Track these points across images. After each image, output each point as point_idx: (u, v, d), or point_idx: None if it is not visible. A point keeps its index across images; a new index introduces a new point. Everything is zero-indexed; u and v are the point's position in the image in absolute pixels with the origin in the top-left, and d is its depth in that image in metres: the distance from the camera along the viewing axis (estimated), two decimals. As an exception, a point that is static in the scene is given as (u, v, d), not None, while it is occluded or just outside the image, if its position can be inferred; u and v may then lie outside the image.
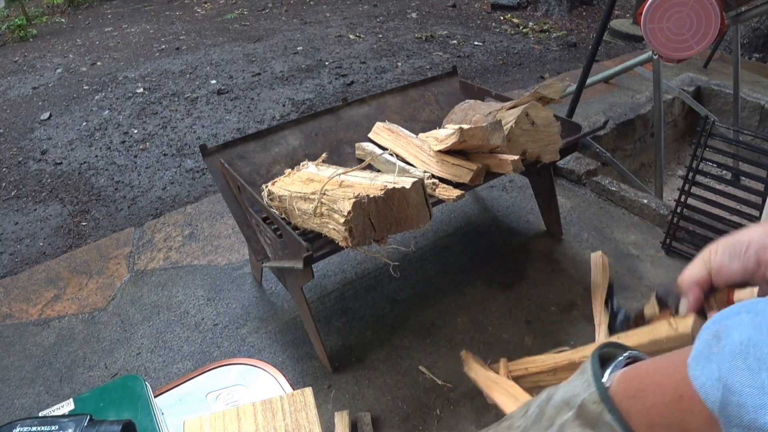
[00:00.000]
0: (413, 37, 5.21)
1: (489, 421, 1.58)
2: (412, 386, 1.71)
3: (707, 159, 2.12)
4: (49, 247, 2.55)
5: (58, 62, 5.10)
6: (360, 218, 1.30)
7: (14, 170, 3.27)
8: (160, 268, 2.27)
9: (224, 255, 2.32)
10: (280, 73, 4.44)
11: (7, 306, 2.14)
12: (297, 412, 0.75)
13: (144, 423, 0.72)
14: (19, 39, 6.00)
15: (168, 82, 4.41)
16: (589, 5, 5.98)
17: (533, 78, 4.20)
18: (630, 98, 3.56)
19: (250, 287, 2.14)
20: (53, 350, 1.93)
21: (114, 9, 7.23)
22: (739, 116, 3.29)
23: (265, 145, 1.92)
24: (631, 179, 2.85)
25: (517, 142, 1.69)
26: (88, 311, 2.09)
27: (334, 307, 2.02)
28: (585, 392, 0.41)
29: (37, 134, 3.69)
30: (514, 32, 5.31)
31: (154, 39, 5.64)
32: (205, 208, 2.64)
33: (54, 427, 0.62)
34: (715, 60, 4.19)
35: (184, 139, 3.49)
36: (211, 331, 1.96)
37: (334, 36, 5.33)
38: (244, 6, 6.82)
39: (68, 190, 3.01)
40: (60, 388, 1.79)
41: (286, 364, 1.81)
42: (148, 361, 1.86)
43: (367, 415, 1.61)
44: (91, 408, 0.73)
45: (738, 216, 2.08)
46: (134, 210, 2.80)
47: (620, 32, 5.04)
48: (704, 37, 2.16)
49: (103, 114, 3.91)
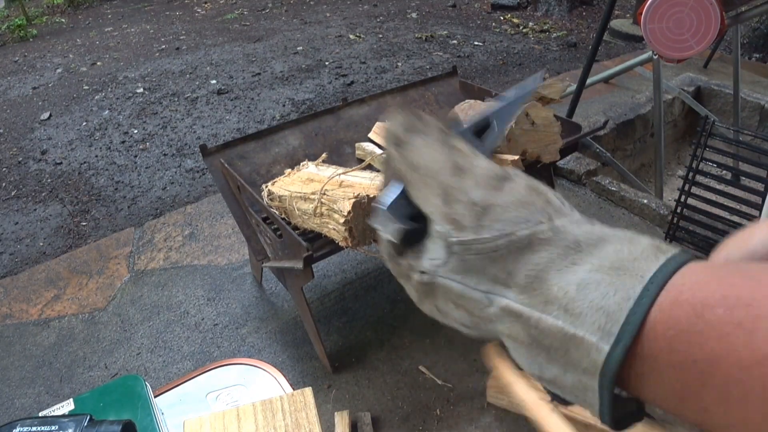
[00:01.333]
0: (413, 37, 5.21)
1: (489, 421, 1.58)
2: (412, 386, 1.71)
3: (707, 159, 2.12)
4: (49, 247, 2.55)
5: (58, 62, 5.10)
6: (360, 218, 1.30)
7: (14, 170, 3.27)
8: (160, 268, 2.27)
9: (224, 255, 2.32)
10: (280, 73, 4.44)
11: (7, 306, 2.14)
12: (297, 412, 0.75)
13: (144, 423, 0.72)
14: (19, 39, 6.00)
15: (168, 82, 4.41)
16: (589, 5, 5.98)
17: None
18: (630, 98, 3.56)
19: (250, 287, 2.14)
20: (53, 350, 1.93)
21: (114, 9, 7.23)
22: (739, 116, 3.29)
23: (265, 145, 1.92)
24: (631, 179, 2.85)
25: (517, 142, 1.70)
26: (88, 311, 2.09)
27: (334, 307, 2.02)
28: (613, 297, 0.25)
29: (37, 134, 3.68)
30: (514, 32, 5.31)
31: (154, 39, 5.64)
32: (205, 208, 2.64)
33: (54, 427, 0.62)
34: (715, 60, 4.19)
35: (184, 139, 3.49)
36: (211, 331, 1.96)
37: (334, 36, 5.33)
38: (244, 6, 6.82)
39: (68, 190, 3.01)
40: (60, 388, 1.79)
41: (286, 364, 1.81)
42: (148, 361, 1.86)
43: (367, 415, 1.61)
44: (91, 408, 0.74)
45: (738, 216, 2.08)
46: (134, 210, 2.80)
47: (620, 32, 5.04)
48: (704, 37, 2.16)
49: (103, 114, 3.91)
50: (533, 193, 0.30)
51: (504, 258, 0.28)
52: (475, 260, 0.29)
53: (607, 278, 0.25)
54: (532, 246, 0.28)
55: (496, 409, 1.61)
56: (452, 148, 0.32)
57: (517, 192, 0.30)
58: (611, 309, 0.25)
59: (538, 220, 0.28)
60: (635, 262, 0.26)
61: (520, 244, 0.28)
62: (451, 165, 0.31)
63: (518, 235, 0.28)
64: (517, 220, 0.28)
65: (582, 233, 0.28)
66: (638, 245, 0.27)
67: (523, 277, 0.27)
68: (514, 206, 0.29)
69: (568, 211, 0.30)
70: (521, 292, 0.28)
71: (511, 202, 0.29)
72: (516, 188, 0.30)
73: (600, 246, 0.27)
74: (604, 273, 0.26)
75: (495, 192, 0.30)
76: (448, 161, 0.31)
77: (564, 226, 0.28)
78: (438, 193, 0.30)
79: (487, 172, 0.31)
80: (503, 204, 0.29)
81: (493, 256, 0.28)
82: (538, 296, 0.27)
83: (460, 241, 0.29)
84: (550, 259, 0.27)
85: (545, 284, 0.27)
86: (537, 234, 0.28)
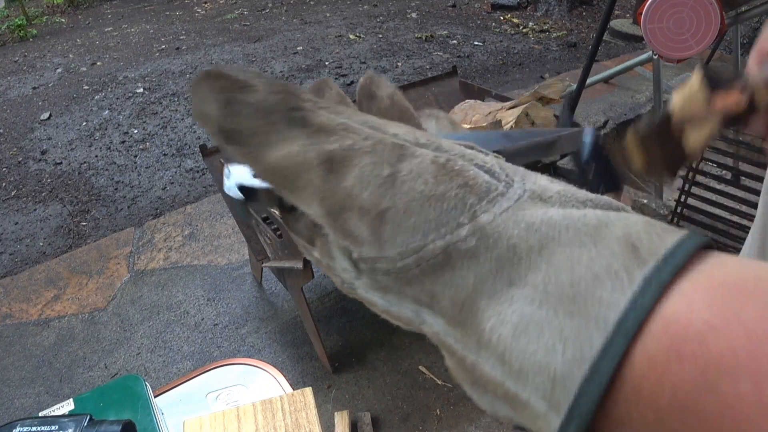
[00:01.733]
0: (413, 37, 5.21)
1: (489, 421, 1.58)
2: (412, 386, 1.71)
3: (707, 159, 2.12)
4: (49, 247, 2.55)
5: (58, 62, 5.10)
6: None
7: (14, 170, 3.27)
8: (160, 268, 2.27)
9: (224, 255, 2.32)
10: (281, 73, 4.44)
11: (7, 306, 2.14)
12: (297, 412, 0.75)
13: (144, 423, 0.72)
14: (19, 39, 6.01)
15: (168, 82, 4.41)
16: (589, 5, 5.98)
17: (533, 78, 4.20)
18: (630, 98, 3.56)
19: (250, 287, 2.14)
20: (53, 350, 1.93)
21: (114, 9, 7.23)
22: (739, 116, 3.29)
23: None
24: (631, 179, 2.85)
25: (517, 142, 1.69)
26: (88, 311, 2.09)
27: (334, 307, 2.02)
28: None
29: (37, 134, 3.69)
30: (514, 32, 5.31)
31: (154, 39, 5.64)
32: (205, 208, 2.64)
33: (54, 427, 0.62)
34: (715, 60, 4.19)
35: (184, 139, 3.49)
36: (211, 331, 1.96)
37: (334, 36, 5.33)
38: (244, 6, 6.82)
39: (68, 190, 3.01)
40: (60, 388, 1.79)
41: (286, 364, 1.81)
42: (148, 361, 1.86)
43: (367, 415, 1.61)
44: (91, 408, 0.74)
45: (738, 216, 2.08)
46: (134, 210, 2.80)
47: (620, 32, 5.04)
48: (704, 37, 2.16)
49: (103, 114, 3.91)
50: (443, 174, 0.20)
51: (419, 279, 0.20)
52: (387, 281, 0.21)
53: (552, 318, 0.17)
54: (451, 261, 0.19)
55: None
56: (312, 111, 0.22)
57: (419, 179, 0.20)
58: (559, 374, 0.16)
59: (455, 223, 0.19)
60: (596, 287, 0.17)
61: (435, 261, 0.19)
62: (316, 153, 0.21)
63: (429, 249, 0.19)
64: (424, 228, 0.20)
65: (521, 231, 0.19)
66: (605, 246, 0.17)
67: (448, 303, 0.20)
68: (417, 206, 0.20)
69: (502, 186, 0.20)
70: (449, 323, 0.20)
71: (411, 200, 0.20)
72: (417, 172, 0.20)
73: (546, 252, 0.18)
74: (549, 307, 0.17)
75: (388, 185, 0.20)
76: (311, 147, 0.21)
77: (494, 221, 0.19)
78: (314, 199, 0.21)
79: (374, 152, 0.21)
80: (401, 205, 0.20)
81: (406, 277, 0.20)
82: (470, 333, 0.19)
83: (363, 258, 0.21)
84: (478, 278, 0.19)
85: (476, 316, 0.19)
86: (455, 244, 0.19)
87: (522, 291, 0.18)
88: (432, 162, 0.20)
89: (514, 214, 0.19)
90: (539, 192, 0.20)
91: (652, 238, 0.17)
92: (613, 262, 0.17)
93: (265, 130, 0.21)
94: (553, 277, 0.18)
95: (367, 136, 0.21)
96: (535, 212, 0.19)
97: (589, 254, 0.17)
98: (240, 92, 0.21)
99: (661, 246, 0.17)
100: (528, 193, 0.20)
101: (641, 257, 0.17)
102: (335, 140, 0.21)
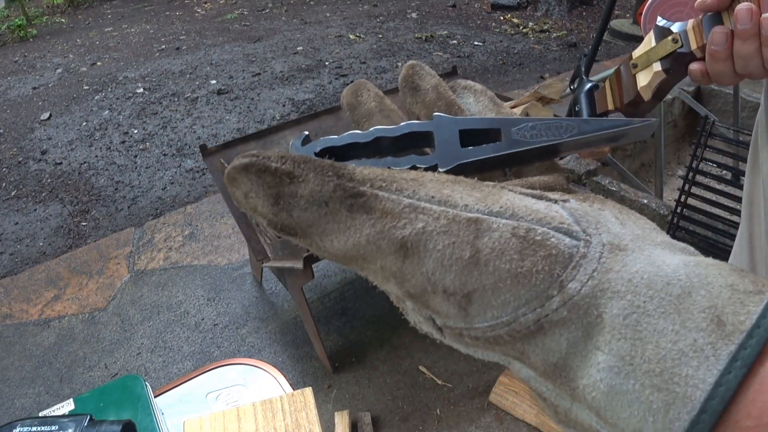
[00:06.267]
0: (413, 37, 5.21)
1: (489, 421, 1.58)
2: (412, 386, 1.71)
3: (707, 159, 2.12)
4: (49, 247, 2.55)
5: (58, 62, 5.10)
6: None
7: (14, 170, 3.27)
8: (160, 268, 2.27)
9: (224, 255, 2.32)
10: (280, 73, 4.44)
11: (7, 306, 2.14)
12: (297, 412, 0.75)
13: (144, 423, 0.72)
14: (19, 39, 6.01)
15: (168, 82, 4.41)
16: (589, 5, 5.98)
17: (533, 78, 4.20)
18: (630, 98, 3.56)
19: (250, 287, 2.14)
20: (53, 350, 1.93)
21: (114, 9, 7.23)
22: (739, 116, 3.29)
23: (265, 145, 1.92)
24: (631, 179, 2.85)
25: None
26: (88, 311, 2.09)
27: (334, 307, 2.02)
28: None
29: (37, 134, 3.69)
30: (514, 32, 5.31)
31: (154, 39, 5.64)
32: (205, 208, 2.64)
33: (54, 427, 0.62)
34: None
35: (184, 139, 3.49)
36: (211, 331, 1.96)
37: (334, 36, 5.33)
38: (244, 6, 6.82)
39: (68, 190, 3.01)
40: (60, 388, 1.79)
41: (286, 364, 1.81)
42: (148, 361, 1.86)
43: (367, 415, 1.61)
44: (91, 408, 0.74)
45: (738, 216, 2.08)
46: (134, 210, 2.80)
47: (620, 32, 5.04)
48: (704, 37, 2.16)
49: (103, 114, 3.91)
50: (526, 249, 0.20)
51: (511, 343, 0.20)
52: (474, 342, 0.21)
53: (640, 391, 0.17)
54: (543, 330, 0.20)
55: (496, 408, 1.61)
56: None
57: (503, 257, 0.20)
58: None
59: (544, 296, 0.19)
60: (682, 363, 0.17)
61: (527, 330, 0.20)
62: (388, 241, 0.21)
63: (521, 322, 0.20)
64: (514, 304, 0.20)
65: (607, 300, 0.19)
66: (690, 319, 0.18)
67: (540, 362, 0.20)
68: (504, 286, 0.20)
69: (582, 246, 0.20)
70: (542, 376, 0.20)
71: (498, 280, 0.20)
72: (499, 249, 0.20)
73: (631, 321, 0.18)
74: (637, 381, 0.18)
75: (471, 266, 0.20)
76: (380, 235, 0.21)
77: (582, 290, 0.19)
78: (391, 281, 0.22)
79: (449, 232, 0.20)
80: (489, 285, 0.20)
81: (496, 341, 0.21)
82: (563, 387, 0.20)
83: (448, 327, 0.22)
84: (570, 343, 0.19)
85: (569, 374, 0.19)
86: (546, 317, 0.19)
87: (608, 358, 0.18)
88: (512, 235, 0.20)
89: (599, 280, 0.19)
90: (616, 243, 0.20)
91: (736, 308, 0.17)
92: (699, 337, 0.17)
93: (325, 221, 0.21)
94: (639, 349, 0.18)
95: (438, 215, 0.20)
96: (619, 274, 0.19)
97: (674, 327, 0.18)
98: (289, 186, 0.21)
99: (746, 317, 0.17)
100: (607, 248, 0.20)
101: (726, 332, 0.17)
102: (405, 224, 0.20)
